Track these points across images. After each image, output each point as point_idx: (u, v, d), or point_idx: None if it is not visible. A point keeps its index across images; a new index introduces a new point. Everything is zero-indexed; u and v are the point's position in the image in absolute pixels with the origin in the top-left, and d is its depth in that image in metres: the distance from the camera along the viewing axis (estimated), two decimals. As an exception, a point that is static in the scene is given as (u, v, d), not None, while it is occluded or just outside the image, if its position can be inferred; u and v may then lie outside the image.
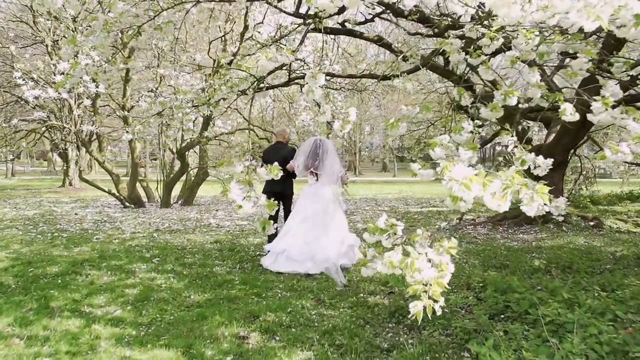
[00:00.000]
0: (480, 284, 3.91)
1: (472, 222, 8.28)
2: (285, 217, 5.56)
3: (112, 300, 3.75)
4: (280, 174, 2.28)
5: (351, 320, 3.25)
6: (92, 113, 11.02)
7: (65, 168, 19.73)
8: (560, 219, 2.24)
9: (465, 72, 3.46)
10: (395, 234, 2.02)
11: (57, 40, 11.16)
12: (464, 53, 3.07)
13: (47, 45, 11.24)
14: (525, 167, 2.40)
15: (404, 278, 1.81)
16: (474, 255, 5.46)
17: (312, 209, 5.05)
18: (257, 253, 5.59)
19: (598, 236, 6.58)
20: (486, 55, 2.75)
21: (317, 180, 5.20)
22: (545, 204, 1.88)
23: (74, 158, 18.92)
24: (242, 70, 3.18)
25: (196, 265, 4.98)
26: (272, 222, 2.51)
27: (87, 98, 9.30)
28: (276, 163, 2.64)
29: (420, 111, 2.58)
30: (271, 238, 5.19)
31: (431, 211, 10.24)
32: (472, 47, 3.07)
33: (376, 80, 8.30)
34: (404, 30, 7.47)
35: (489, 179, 1.83)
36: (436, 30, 3.97)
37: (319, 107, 2.81)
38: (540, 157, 2.39)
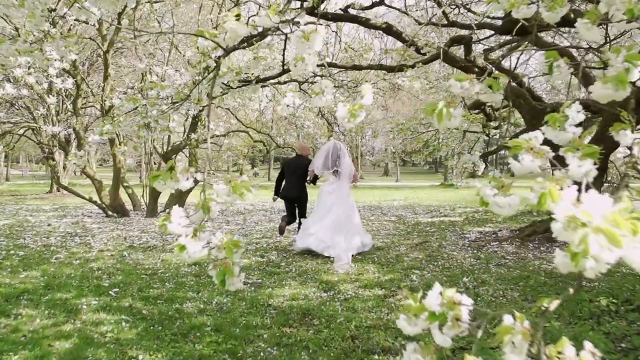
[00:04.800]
0: (539, 338, 2.86)
1: (495, 236, 7.22)
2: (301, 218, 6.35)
3: (29, 362, 2.70)
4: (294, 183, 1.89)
5: (363, 405, 2.21)
6: (72, 113, 10.04)
7: (51, 172, 18.74)
8: None
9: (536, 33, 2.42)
10: (458, 320, 0.99)
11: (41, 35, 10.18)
12: (534, 6, 2.07)
13: (25, 41, 10.30)
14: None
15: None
16: (509, 283, 4.42)
17: (334, 201, 5.74)
18: (243, 281, 4.54)
19: (650, 256, 5.53)
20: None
21: (338, 178, 5.90)
22: None
23: (62, 161, 17.91)
24: (205, 37, 2.16)
25: (162, 299, 3.93)
26: (236, 272, 1.54)
27: (54, 95, 8.28)
28: (244, 176, 1.73)
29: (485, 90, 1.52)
30: (291, 221, 6.37)
31: (443, 222, 9.19)
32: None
33: (386, 72, 7.29)
34: (414, 20, 6.47)
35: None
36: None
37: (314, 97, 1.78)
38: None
